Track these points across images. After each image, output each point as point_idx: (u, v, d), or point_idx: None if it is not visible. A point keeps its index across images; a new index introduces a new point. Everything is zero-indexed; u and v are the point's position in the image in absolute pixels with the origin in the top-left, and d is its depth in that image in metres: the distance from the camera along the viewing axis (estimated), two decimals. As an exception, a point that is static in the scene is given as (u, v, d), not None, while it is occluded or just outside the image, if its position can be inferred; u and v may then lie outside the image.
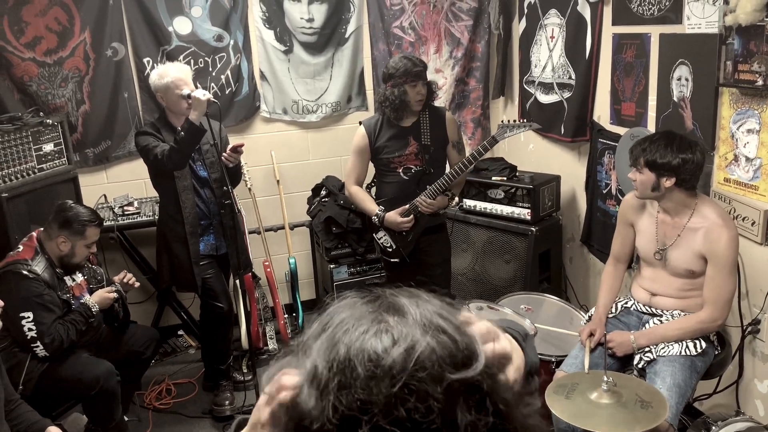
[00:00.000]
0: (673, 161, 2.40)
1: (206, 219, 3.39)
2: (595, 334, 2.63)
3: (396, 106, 3.18)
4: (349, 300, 0.76)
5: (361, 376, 0.65)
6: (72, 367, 2.84)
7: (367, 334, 0.69)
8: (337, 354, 0.68)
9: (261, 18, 4.11)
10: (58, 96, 3.78)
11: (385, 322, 0.70)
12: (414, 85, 3.16)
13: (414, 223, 3.29)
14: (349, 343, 0.68)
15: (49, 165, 3.51)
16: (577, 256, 3.99)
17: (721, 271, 2.43)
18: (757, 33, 2.39)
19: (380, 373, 0.65)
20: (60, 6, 3.67)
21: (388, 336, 0.68)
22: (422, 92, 3.20)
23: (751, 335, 2.70)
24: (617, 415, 2.01)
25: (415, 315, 0.71)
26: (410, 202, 3.26)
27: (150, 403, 3.60)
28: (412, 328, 0.69)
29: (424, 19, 4.39)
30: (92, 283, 3.15)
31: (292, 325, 4.20)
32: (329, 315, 0.74)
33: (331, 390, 0.67)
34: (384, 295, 0.76)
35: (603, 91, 3.49)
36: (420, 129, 3.29)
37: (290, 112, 4.31)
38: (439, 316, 0.71)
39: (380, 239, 3.41)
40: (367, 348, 0.67)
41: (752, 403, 2.76)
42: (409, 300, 0.74)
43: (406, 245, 3.37)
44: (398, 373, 0.65)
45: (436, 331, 0.69)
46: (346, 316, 0.72)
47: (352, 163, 3.42)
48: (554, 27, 3.82)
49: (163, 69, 3.22)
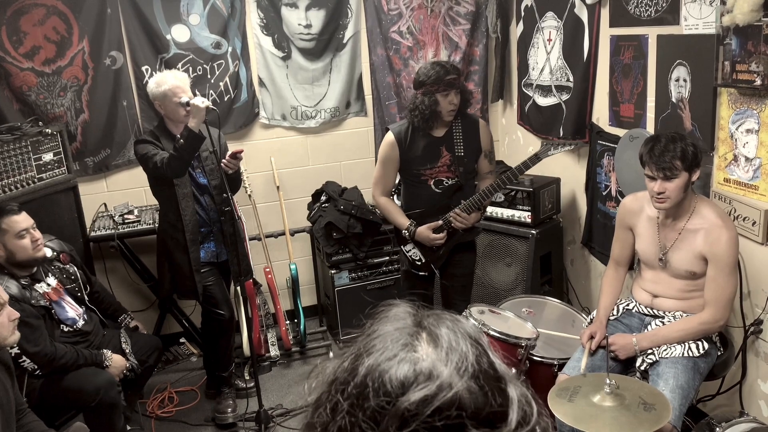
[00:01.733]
0: (694, 149, 2.40)
1: (206, 226, 3.39)
2: (596, 337, 2.62)
3: (426, 116, 3.01)
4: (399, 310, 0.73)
5: (372, 407, 0.63)
6: (73, 378, 2.83)
7: (392, 360, 0.65)
8: (356, 374, 0.66)
9: (259, 25, 4.12)
10: (57, 105, 3.78)
11: (414, 351, 0.66)
12: (446, 94, 2.99)
13: (447, 238, 3.16)
14: (371, 366, 0.65)
15: (48, 174, 3.51)
16: (578, 258, 3.98)
17: (722, 272, 2.42)
18: (754, 33, 2.39)
19: (392, 410, 0.62)
20: (58, 15, 3.68)
21: (411, 369, 0.64)
22: (454, 102, 3.02)
23: (754, 335, 2.70)
24: (620, 418, 2.00)
25: (451, 351, 0.66)
26: (443, 217, 3.11)
27: (152, 411, 3.60)
28: (444, 365, 0.64)
29: (422, 24, 4.40)
30: (67, 284, 3.04)
31: (293, 331, 4.19)
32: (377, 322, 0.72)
33: (339, 410, 0.65)
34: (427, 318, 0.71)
35: (601, 93, 3.49)
36: (453, 139, 3.11)
37: (289, 118, 4.31)
38: (480, 360, 0.66)
39: (409, 252, 3.26)
40: (386, 378, 0.64)
41: (756, 403, 2.75)
42: (451, 332, 0.68)
43: (437, 259, 3.23)
44: (411, 418, 0.61)
45: (471, 378, 0.64)
46: (384, 332, 0.69)
47: (379, 173, 3.22)
48: (551, 30, 3.83)
49: (161, 77, 3.22)
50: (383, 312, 0.73)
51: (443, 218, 3.12)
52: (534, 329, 2.82)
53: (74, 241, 3.58)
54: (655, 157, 2.40)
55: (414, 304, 0.74)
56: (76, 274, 3.12)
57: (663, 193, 2.42)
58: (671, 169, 2.38)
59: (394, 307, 0.73)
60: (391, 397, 0.62)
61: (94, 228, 3.80)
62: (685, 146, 2.39)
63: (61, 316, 2.94)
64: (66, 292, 3.03)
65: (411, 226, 3.15)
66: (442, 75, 2.98)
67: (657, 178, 2.42)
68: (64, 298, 3.00)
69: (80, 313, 3.05)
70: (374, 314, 0.73)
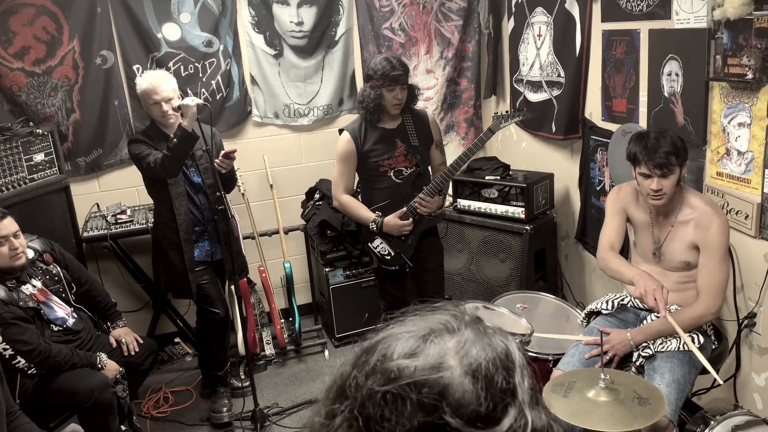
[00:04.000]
0: (682, 142, 2.41)
1: (201, 225, 3.37)
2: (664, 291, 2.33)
3: (371, 109, 3.12)
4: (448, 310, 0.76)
5: (370, 363, 0.69)
6: (66, 380, 2.82)
7: (408, 335, 0.71)
8: (376, 336, 0.73)
9: (250, 22, 4.10)
10: (47, 105, 3.76)
11: (433, 338, 0.70)
12: (391, 89, 3.09)
13: (413, 226, 3.23)
14: (390, 334, 0.72)
15: (40, 175, 3.49)
16: (572, 253, 3.98)
17: (713, 258, 2.43)
18: (745, 26, 2.39)
19: (381, 366, 0.67)
20: (48, 15, 3.66)
21: (418, 344, 0.69)
22: (399, 97, 3.12)
23: (748, 329, 2.70)
24: (615, 413, 2.00)
25: (465, 347, 0.69)
26: (407, 205, 3.20)
27: (147, 412, 3.58)
28: (450, 355, 0.68)
29: (414, 20, 4.39)
30: (51, 285, 3.02)
31: (288, 329, 4.19)
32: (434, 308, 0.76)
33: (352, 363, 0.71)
34: (462, 317, 0.75)
35: (594, 88, 3.49)
36: (406, 131, 3.24)
37: (282, 116, 4.29)
38: (493, 367, 0.68)
39: (376, 248, 3.30)
40: (393, 345, 0.70)
41: (750, 396, 2.76)
42: (477, 333, 0.71)
43: (406, 249, 3.28)
44: (392, 379, 0.65)
45: (469, 374, 0.66)
46: (422, 320, 0.74)
47: (338, 171, 3.29)
48: (541, 25, 3.82)
49: (141, 78, 3.24)
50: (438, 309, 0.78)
51: (408, 206, 3.20)
52: (528, 325, 2.82)
53: (67, 242, 3.57)
54: (650, 153, 2.39)
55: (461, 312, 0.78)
56: (60, 275, 3.08)
57: (660, 190, 2.42)
58: (668, 166, 2.37)
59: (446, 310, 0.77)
60: (386, 358, 0.68)
61: (86, 228, 3.78)
62: (674, 140, 2.40)
63: (50, 316, 2.93)
64: (52, 293, 3.01)
65: (378, 218, 3.21)
66: (387, 70, 3.09)
67: (654, 176, 2.40)
68: (51, 298, 2.98)
69: (69, 312, 3.03)
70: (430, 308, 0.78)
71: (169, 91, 3.18)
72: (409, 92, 3.19)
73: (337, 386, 0.71)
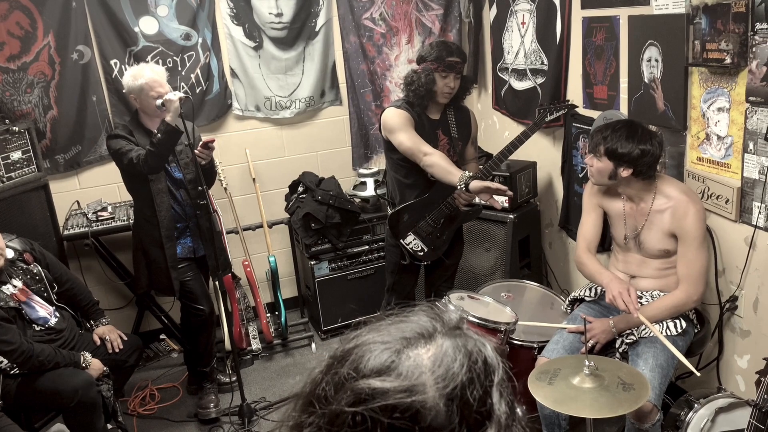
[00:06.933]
0: (633, 152, 2.42)
1: (182, 221, 3.34)
2: (630, 293, 2.46)
3: (421, 93, 2.96)
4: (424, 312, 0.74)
5: (340, 374, 0.66)
6: (50, 379, 2.78)
7: (383, 345, 0.67)
8: (350, 342, 0.70)
9: (229, 14, 4.06)
10: (24, 102, 3.70)
11: (409, 349, 0.67)
12: (445, 75, 2.95)
13: (449, 223, 3.15)
14: (365, 341, 0.69)
15: (17, 173, 3.44)
16: (556, 240, 4.00)
17: (691, 246, 2.45)
18: (723, 11, 2.40)
19: (351, 384, 0.64)
20: (21, 10, 3.59)
21: (391, 359, 0.66)
22: (451, 85, 2.97)
23: (729, 312, 2.73)
24: (600, 399, 2.01)
25: (442, 365, 0.65)
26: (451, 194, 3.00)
27: (134, 410, 3.56)
28: (425, 374, 0.64)
29: (395, 10, 4.36)
30: (32, 284, 2.97)
31: (275, 323, 4.17)
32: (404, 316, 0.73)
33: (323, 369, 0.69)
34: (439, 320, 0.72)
35: (575, 76, 3.49)
36: (448, 123, 3.12)
37: (263, 109, 4.26)
38: (469, 388, 0.65)
39: (409, 244, 3.15)
40: (366, 356, 0.66)
41: (733, 379, 2.79)
42: (458, 349, 0.68)
43: (441, 245, 3.18)
44: (363, 401, 0.62)
45: (444, 397, 0.63)
46: (400, 325, 0.71)
47: (412, 134, 2.94)
48: (524, 13, 3.81)
49: (137, 70, 3.17)
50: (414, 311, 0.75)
51: (450, 197, 3.03)
52: (513, 314, 2.83)
53: (47, 241, 3.52)
54: (595, 131, 2.57)
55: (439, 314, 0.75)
56: (41, 274, 3.04)
57: (591, 167, 2.57)
58: (595, 147, 2.52)
59: (422, 312, 0.74)
60: (358, 373, 0.64)
61: (67, 227, 3.73)
62: (626, 143, 2.43)
63: (32, 316, 2.89)
64: (33, 292, 2.97)
65: (465, 177, 2.83)
66: (444, 55, 2.95)
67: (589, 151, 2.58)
68: (32, 297, 2.94)
69: (51, 311, 2.99)
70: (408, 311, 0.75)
71: (166, 85, 3.17)
72: (462, 84, 3.05)
73: (306, 395, 0.68)
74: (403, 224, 3.15)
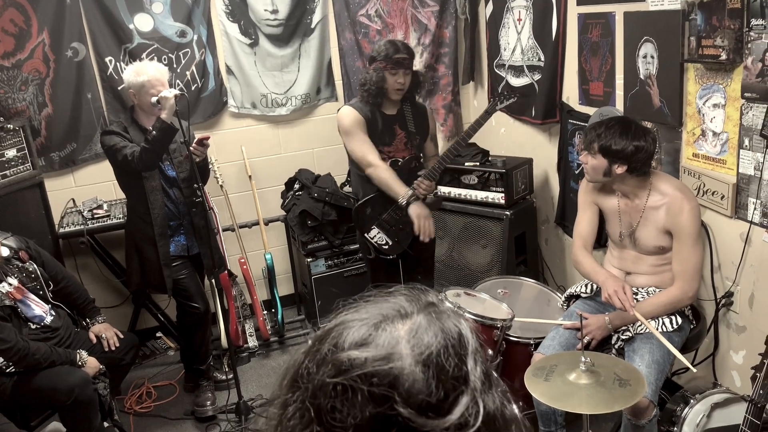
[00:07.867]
0: (627, 149, 2.42)
1: (176, 219, 3.33)
2: (626, 291, 2.50)
3: (373, 91, 3.07)
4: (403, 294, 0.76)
5: (322, 352, 0.69)
6: (46, 378, 2.77)
7: (361, 322, 0.70)
8: (328, 323, 0.73)
9: (224, 11, 4.04)
10: (18, 100, 3.68)
11: (386, 324, 0.70)
12: (394, 72, 3.05)
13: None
14: (344, 320, 0.72)
15: (12, 171, 3.43)
16: (552, 237, 4.00)
17: (686, 243, 2.45)
18: (718, 7, 2.40)
19: (332, 357, 0.67)
20: (15, 7, 3.57)
21: (368, 333, 0.69)
22: (401, 81, 3.07)
23: (725, 308, 2.74)
24: (596, 395, 2.02)
25: (417, 335, 0.68)
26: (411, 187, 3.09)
27: (131, 408, 3.55)
28: (401, 344, 0.68)
29: (390, 6, 4.35)
30: (27, 282, 2.96)
31: (271, 321, 4.17)
32: (388, 293, 0.76)
33: (305, 351, 0.71)
34: (416, 300, 0.74)
35: (571, 72, 3.49)
36: (405, 117, 3.20)
37: (259, 106, 4.25)
38: (444, 354, 0.67)
39: (373, 238, 3.20)
40: (345, 333, 0.69)
41: (729, 374, 2.80)
42: (432, 321, 0.70)
43: (405, 238, 3.19)
44: (344, 371, 0.65)
45: (420, 363, 0.66)
46: (379, 304, 0.74)
47: (360, 140, 3.10)
48: (521, 9, 3.81)
49: (141, 66, 3.15)
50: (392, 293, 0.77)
51: (411, 187, 3.10)
52: (509, 310, 2.83)
53: (43, 239, 3.51)
54: (588, 128, 2.57)
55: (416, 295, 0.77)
56: (36, 272, 3.03)
57: (586, 165, 2.58)
58: (589, 144, 2.52)
59: (400, 294, 0.77)
60: (338, 348, 0.68)
61: (62, 224, 3.72)
62: (620, 140, 2.43)
63: (27, 314, 2.88)
64: (29, 291, 2.96)
65: (411, 189, 3.06)
66: (391, 53, 3.04)
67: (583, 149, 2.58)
68: (28, 296, 2.93)
69: (47, 310, 2.98)
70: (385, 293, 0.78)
71: (167, 83, 3.17)
72: (413, 79, 3.14)
73: (290, 375, 0.71)
74: (366, 217, 3.20)
